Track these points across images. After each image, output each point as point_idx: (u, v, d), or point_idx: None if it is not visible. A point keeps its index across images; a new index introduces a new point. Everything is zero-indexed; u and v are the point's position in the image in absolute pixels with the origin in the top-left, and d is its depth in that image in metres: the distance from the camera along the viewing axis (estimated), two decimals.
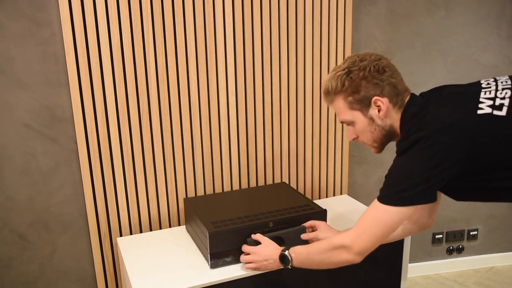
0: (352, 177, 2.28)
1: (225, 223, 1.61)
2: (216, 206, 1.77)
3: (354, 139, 1.42)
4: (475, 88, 1.28)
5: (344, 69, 1.32)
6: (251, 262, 1.52)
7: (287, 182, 2.12)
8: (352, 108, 1.34)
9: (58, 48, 1.63)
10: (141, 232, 1.88)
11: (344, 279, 1.74)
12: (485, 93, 1.23)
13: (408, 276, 2.51)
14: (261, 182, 2.07)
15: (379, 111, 1.31)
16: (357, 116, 1.34)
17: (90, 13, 1.63)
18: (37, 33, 1.60)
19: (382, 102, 1.29)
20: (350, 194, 2.28)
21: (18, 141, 1.63)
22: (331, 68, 2.05)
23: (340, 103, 1.36)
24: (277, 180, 2.09)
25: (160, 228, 1.92)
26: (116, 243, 1.83)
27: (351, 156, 2.24)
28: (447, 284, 2.45)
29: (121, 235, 1.85)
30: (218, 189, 1.99)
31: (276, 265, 1.47)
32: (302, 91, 2.03)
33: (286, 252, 1.42)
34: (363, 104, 1.32)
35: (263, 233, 1.61)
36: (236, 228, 1.58)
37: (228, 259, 1.59)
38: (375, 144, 1.40)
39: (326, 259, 1.34)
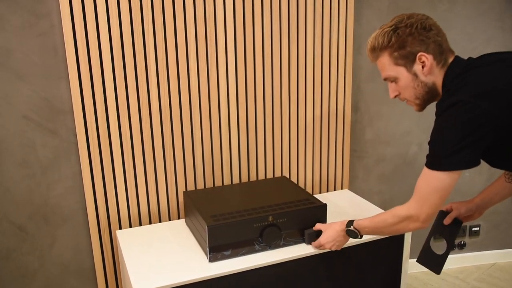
0: (353, 171, 2.26)
1: (224, 216, 1.60)
2: (215, 199, 1.76)
3: (396, 96, 1.44)
4: None
5: (391, 26, 1.35)
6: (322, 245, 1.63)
7: (288, 176, 2.11)
8: (396, 63, 1.36)
9: (58, 40, 1.63)
10: (140, 225, 1.88)
11: (344, 275, 1.73)
12: None
13: (408, 272, 2.50)
14: (261, 176, 2.06)
15: (423, 67, 1.33)
16: (401, 71, 1.36)
17: (89, 5, 1.62)
18: (36, 25, 1.59)
19: (427, 58, 1.32)
20: (351, 189, 2.27)
21: (17, 133, 1.63)
22: (332, 62, 2.04)
23: (385, 59, 1.38)
24: (278, 174, 2.08)
25: (160, 221, 1.91)
26: (116, 236, 1.83)
27: (352, 150, 2.23)
28: (448, 280, 2.44)
29: (120, 228, 1.85)
30: (218, 183, 1.98)
31: (346, 239, 1.60)
32: (303, 84, 2.01)
33: (352, 228, 1.53)
34: (408, 60, 1.34)
35: (264, 227, 1.61)
36: (236, 222, 1.57)
37: (227, 253, 1.59)
38: (417, 101, 1.41)
39: (394, 231, 1.45)
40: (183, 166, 1.89)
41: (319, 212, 1.69)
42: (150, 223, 1.90)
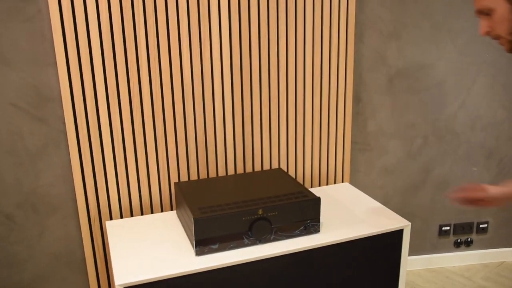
0: (354, 164, 2.19)
1: (212, 209, 1.55)
2: (206, 191, 1.71)
3: (487, 32, 1.30)
4: None
5: None
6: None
7: (285, 168, 2.04)
8: None
9: (45, 25, 1.59)
10: (132, 216, 1.84)
11: (339, 271, 1.67)
12: None
13: (411, 269, 2.43)
14: (257, 168, 2.00)
15: None
16: (500, 2, 1.23)
17: None
18: (23, 10, 1.55)
19: None
20: (352, 182, 2.20)
21: (3, 121, 1.60)
22: (332, 50, 1.96)
23: None
24: (275, 166, 2.02)
25: (152, 213, 1.87)
26: (105, 227, 1.80)
27: (353, 142, 2.16)
28: (453, 278, 2.36)
29: (111, 219, 1.81)
30: (213, 174, 1.93)
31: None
32: (302, 73, 1.94)
33: None
34: None
35: (254, 221, 1.55)
36: (224, 215, 1.52)
37: (214, 247, 1.54)
38: (510, 37, 1.27)
39: None
40: (176, 156, 1.85)
41: (313, 205, 1.62)
42: (142, 214, 1.86)
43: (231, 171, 1.96)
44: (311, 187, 2.11)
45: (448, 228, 2.39)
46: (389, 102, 2.15)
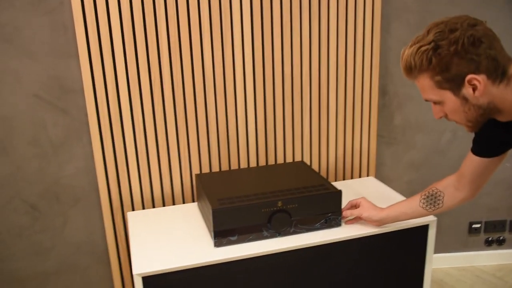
0: (380, 158, 2.13)
1: (231, 200, 1.53)
2: (227, 183, 1.70)
3: (441, 117, 1.23)
4: None
5: (430, 43, 1.10)
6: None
7: (309, 162, 2.01)
8: (440, 87, 1.14)
9: (67, 17, 1.60)
10: (154, 207, 1.84)
11: (360, 265, 1.63)
12: None
13: (440, 267, 2.35)
14: (280, 161, 1.97)
15: (474, 89, 1.10)
16: (447, 96, 1.14)
17: None
18: (45, 2, 1.57)
19: (478, 81, 1.08)
20: (378, 176, 2.14)
21: (27, 112, 1.63)
22: (357, 41, 1.91)
23: (425, 82, 1.16)
24: (298, 159, 1.99)
25: (174, 204, 1.87)
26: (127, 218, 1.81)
27: (379, 136, 2.10)
28: (483, 277, 2.27)
29: (133, 210, 1.82)
30: (234, 166, 1.91)
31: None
32: (326, 64, 1.90)
33: None
34: (455, 83, 1.12)
35: (273, 213, 1.53)
36: (242, 206, 1.50)
37: (233, 238, 1.52)
38: (470, 124, 1.20)
39: None
40: (197, 148, 1.84)
41: (334, 199, 1.58)
42: (164, 205, 1.86)
43: (253, 164, 1.94)
44: (335, 180, 2.07)
45: (478, 225, 2.30)
46: (416, 94, 2.08)
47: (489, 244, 2.34)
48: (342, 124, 2.00)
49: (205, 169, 1.88)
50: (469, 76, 1.09)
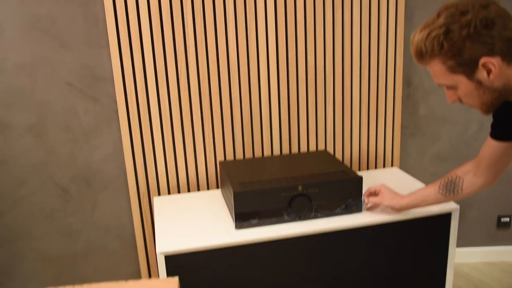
0: (405, 150, 2.12)
1: (252, 184, 1.57)
2: (249, 169, 1.73)
3: (455, 101, 1.21)
4: None
5: (441, 27, 1.08)
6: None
7: (332, 151, 2.02)
8: (453, 72, 1.11)
9: (99, 9, 1.68)
10: (179, 192, 1.90)
11: (379, 252, 1.63)
12: None
13: (467, 261, 2.31)
14: (303, 150, 2.00)
15: (488, 73, 1.08)
16: (460, 80, 1.12)
17: None
18: None
19: (493, 64, 1.06)
20: (403, 167, 2.13)
21: (60, 99, 1.71)
22: (381, 31, 1.92)
23: (437, 67, 1.13)
24: (321, 148, 2.01)
25: (198, 190, 1.92)
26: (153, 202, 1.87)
27: (404, 127, 2.09)
28: None
29: (159, 195, 1.88)
30: (258, 155, 1.95)
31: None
32: (349, 55, 1.91)
33: None
34: (468, 67, 1.09)
35: (294, 197, 1.55)
36: (263, 190, 1.53)
37: (254, 221, 1.56)
38: (484, 107, 1.18)
39: None
40: (222, 136, 1.88)
41: (354, 184, 1.60)
42: (189, 191, 1.92)
43: (276, 153, 1.97)
44: (359, 170, 2.08)
45: (508, 219, 2.25)
46: None
47: None
48: (366, 114, 2.01)
49: (230, 157, 1.93)
50: (483, 60, 1.07)
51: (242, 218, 1.55)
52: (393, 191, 1.59)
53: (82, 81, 1.72)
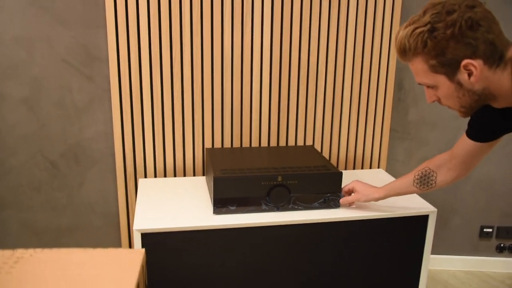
0: (393, 153, 2.15)
1: (233, 171, 1.60)
2: (234, 157, 1.77)
3: (434, 101, 1.22)
4: None
5: (426, 24, 1.08)
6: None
7: (319, 148, 2.05)
8: (435, 71, 1.12)
9: None
10: (165, 177, 1.94)
11: (354, 248, 1.65)
12: None
13: (446, 269, 2.33)
14: (291, 144, 2.02)
15: (469, 75, 1.08)
16: (441, 80, 1.13)
17: None
18: None
19: (475, 66, 1.06)
20: (390, 171, 2.16)
21: (55, 75, 1.75)
22: (376, 32, 1.94)
23: (419, 65, 1.13)
24: (309, 144, 2.04)
25: (184, 176, 1.96)
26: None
27: (393, 130, 2.11)
28: (491, 283, 2.23)
29: (145, 178, 1.92)
30: (246, 145, 1.98)
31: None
32: (342, 53, 1.94)
33: None
34: (450, 68, 1.09)
35: (273, 187, 1.59)
36: (243, 177, 1.57)
37: (232, 208, 1.59)
38: (463, 110, 1.18)
39: None
40: (211, 124, 1.92)
41: (334, 179, 1.62)
42: (175, 176, 1.95)
43: (264, 144, 2.00)
44: (345, 169, 2.10)
45: (490, 230, 2.27)
46: None
47: (500, 250, 2.30)
48: (356, 114, 2.03)
49: (218, 145, 1.96)
50: (465, 61, 1.07)
51: (221, 204, 1.58)
52: (367, 185, 1.62)
53: (77, 59, 1.76)
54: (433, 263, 2.31)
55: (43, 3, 1.67)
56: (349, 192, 1.66)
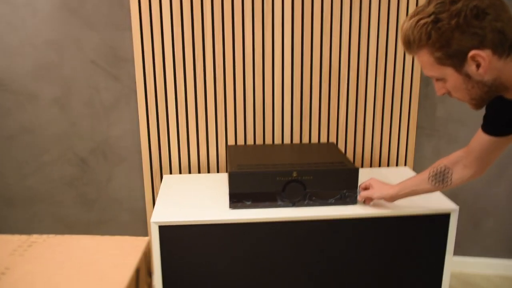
0: (420, 151, 2.10)
1: (250, 167, 1.63)
2: (253, 154, 1.79)
3: (444, 93, 1.18)
4: None
5: (430, 15, 1.05)
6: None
7: (343, 146, 2.04)
8: (441, 63, 1.09)
9: None
10: (189, 173, 1.99)
11: (370, 246, 1.63)
12: None
13: (480, 272, 2.23)
14: (314, 142, 2.02)
15: (477, 66, 1.05)
16: (449, 72, 1.09)
17: None
18: None
19: (483, 57, 1.03)
20: (417, 168, 2.11)
21: (84, 75, 1.84)
22: (399, 27, 1.91)
23: (425, 57, 1.11)
24: (332, 141, 2.03)
25: (208, 172, 2.01)
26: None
27: (420, 127, 2.07)
28: None
29: (171, 174, 1.98)
30: (269, 142, 2.00)
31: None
32: (365, 49, 1.92)
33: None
34: (457, 59, 1.06)
35: (288, 182, 1.59)
36: (258, 172, 1.59)
37: (248, 202, 1.61)
38: (473, 102, 1.15)
39: None
40: (234, 122, 1.95)
41: (350, 175, 1.61)
42: (199, 172, 2.00)
43: (287, 142, 2.01)
44: (371, 167, 2.08)
45: None
46: None
47: None
48: (380, 111, 2.00)
49: (241, 143, 1.99)
50: (472, 52, 1.03)
51: (237, 199, 1.61)
52: (382, 182, 1.60)
53: (105, 60, 1.85)
54: (465, 266, 2.23)
55: (72, 7, 1.77)
56: (366, 189, 1.64)
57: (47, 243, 1.14)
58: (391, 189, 1.55)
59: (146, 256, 1.16)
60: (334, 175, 1.61)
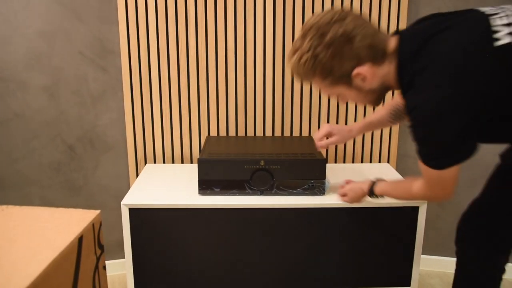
0: (404, 149, 2.09)
1: (219, 155, 1.67)
2: (228, 144, 1.84)
3: (346, 102, 1.41)
4: (478, 15, 1.14)
5: (308, 50, 1.18)
6: (345, 195, 1.61)
7: None
8: (333, 85, 1.24)
9: None
10: (173, 163, 2.05)
11: (339, 237, 1.65)
12: (496, 20, 1.11)
13: (444, 271, 2.19)
14: (296, 135, 2.05)
15: (363, 80, 1.20)
16: (342, 90, 1.25)
17: None
18: None
19: (364, 72, 1.18)
20: (400, 167, 2.10)
21: (73, 66, 1.93)
22: (381, 26, 1.93)
23: (318, 84, 1.27)
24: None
25: (191, 162, 2.06)
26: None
27: (403, 125, 2.07)
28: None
29: (155, 163, 2.05)
30: (251, 135, 2.04)
31: (362, 199, 1.58)
32: None
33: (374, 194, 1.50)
34: (345, 79, 1.21)
35: (255, 171, 1.63)
36: (226, 160, 1.63)
37: (216, 189, 1.66)
38: (372, 104, 1.32)
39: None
40: (216, 114, 2.01)
41: (316, 166, 1.64)
42: (182, 162, 2.06)
43: (269, 135, 2.05)
44: (353, 163, 2.09)
45: None
46: None
47: None
48: (363, 107, 2.02)
49: (223, 134, 2.04)
50: (354, 72, 1.18)
51: (206, 185, 1.65)
52: (340, 126, 1.69)
53: (93, 52, 1.93)
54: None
55: (63, 0, 1.86)
56: (324, 138, 1.68)
57: (5, 212, 1.22)
58: (355, 125, 1.68)
59: (95, 227, 1.22)
60: (300, 165, 1.64)
